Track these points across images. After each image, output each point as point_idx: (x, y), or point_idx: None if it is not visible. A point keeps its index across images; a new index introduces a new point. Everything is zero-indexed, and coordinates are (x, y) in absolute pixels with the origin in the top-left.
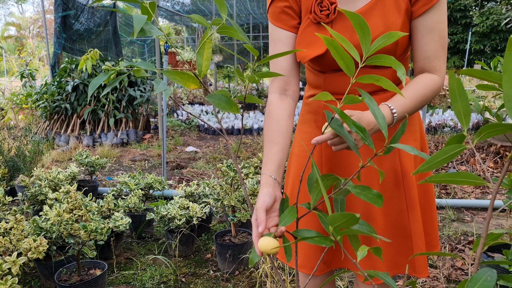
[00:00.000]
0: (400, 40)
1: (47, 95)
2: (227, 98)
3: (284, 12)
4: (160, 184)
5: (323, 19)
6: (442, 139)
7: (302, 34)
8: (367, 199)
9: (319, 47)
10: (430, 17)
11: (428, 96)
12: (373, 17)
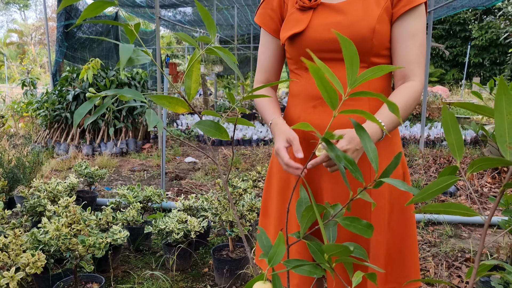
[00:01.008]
0: (377, 30)
1: (48, 104)
2: (216, 125)
3: (268, 16)
4: (158, 197)
5: (306, 3)
6: (440, 153)
7: (287, 21)
8: (357, 231)
9: (299, 27)
10: (412, 23)
11: (411, 104)
12: (354, 6)
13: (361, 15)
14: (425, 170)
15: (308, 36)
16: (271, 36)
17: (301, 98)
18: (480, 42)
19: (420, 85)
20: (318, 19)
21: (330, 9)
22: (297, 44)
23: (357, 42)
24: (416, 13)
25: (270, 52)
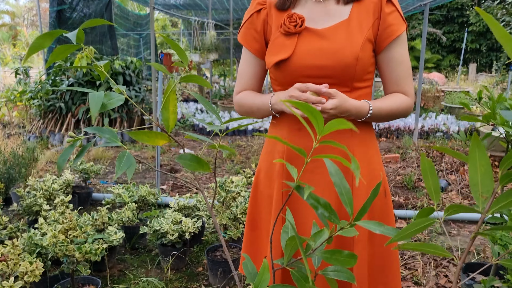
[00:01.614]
0: (361, 58)
1: (42, 93)
2: (197, 158)
3: (250, 35)
4: (153, 196)
5: (291, 29)
6: (433, 145)
7: (272, 45)
8: (339, 263)
9: (285, 53)
10: (397, 50)
11: (400, 111)
12: (339, 33)
13: (345, 43)
14: (417, 164)
15: (294, 62)
16: (253, 56)
17: (287, 120)
18: (478, 28)
19: (412, 102)
20: (303, 45)
21: (315, 35)
22: (283, 69)
23: (341, 69)
24: (399, 41)
25: (252, 70)
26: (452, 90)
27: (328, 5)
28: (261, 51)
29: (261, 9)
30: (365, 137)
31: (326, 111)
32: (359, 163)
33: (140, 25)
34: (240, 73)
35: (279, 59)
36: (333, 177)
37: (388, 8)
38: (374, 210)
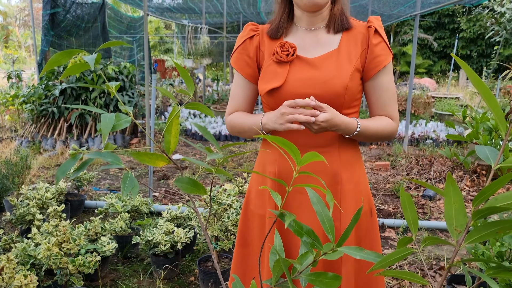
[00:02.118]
0: (349, 87)
1: (34, 98)
2: (194, 182)
3: (243, 60)
4: (146, 205)
5: (283, 58)
6: (423, 153)
7: (264, 72)
8: (324, 285)
9: (277, 82)
10: (383, 79)
11: (385, 133)
12: (329, 63)
13: (334, 73)
14: (407, 172)
15: (286, 90)
16: (246, 80)
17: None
18: (468, 34)
19: (396, 126)
20: (294, 74)
21: (306, 64)
22: (275, 96)
23: (331, 98)
24: (386, 70)
25: (244, 94)
26: (442, 96)
27: (318, 34)
28: (253, 75)
29: (254, 35)
30: (351, 159)
31: (318, 124)
32: (346, 186)
33: (133, 28)
34: (232, 95)
35: (271, 87)
36: (315, 206)
37: (375, 39)
38: (360, 229)
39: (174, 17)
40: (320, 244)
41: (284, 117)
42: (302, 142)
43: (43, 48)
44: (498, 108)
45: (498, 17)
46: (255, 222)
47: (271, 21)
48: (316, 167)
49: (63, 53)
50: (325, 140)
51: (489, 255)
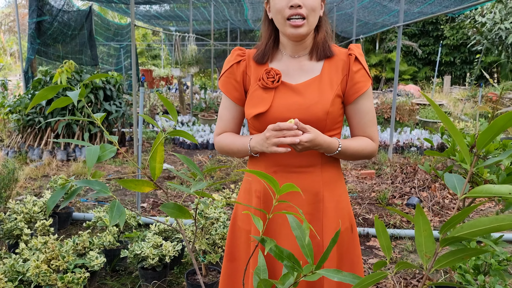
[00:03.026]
0: (331, 112)
1: (21, 107)
2: (179, 207)
3: (230, 84)
4: (134, 218)
5: (269, 85)
6: (407, 161)
7: (251, 97)
8: None
9: (263, 107)
10: (363, 103)
11: (365, 153)
12: (311, 89)
13: (317, 99)
14: (392, 180)
15: (271, 115)
16: (233, 103)
17: (263, 162)
18: (452, 41)
19: (376, 146)
20: (279, 99)
21: (290, 90)
22: (261, 120)
23: (313, 122)
24: (365, 95)
25: (231, 115)
26: (427, 103)
27: (302, 61)
28: (240, 98)
29: (241, 60)
30: (333, 178)
31: (302, 144)
32: (327, 204)
33: (120, 35)
34: (220, 116)
35: (258, 112)
36: (295, 231)
37: (355, 66)
38: (342, 245)
39: (161, 24)
40: (300, 267)
41: (270, 140)
42: (287, 162)
43: (29, 57)
44: (463, 142)
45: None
46: (243, 237)
47: (258, 46)
48: (300, 186)
49: (49, 89)
50: (309, 160)
51: (466, 268)
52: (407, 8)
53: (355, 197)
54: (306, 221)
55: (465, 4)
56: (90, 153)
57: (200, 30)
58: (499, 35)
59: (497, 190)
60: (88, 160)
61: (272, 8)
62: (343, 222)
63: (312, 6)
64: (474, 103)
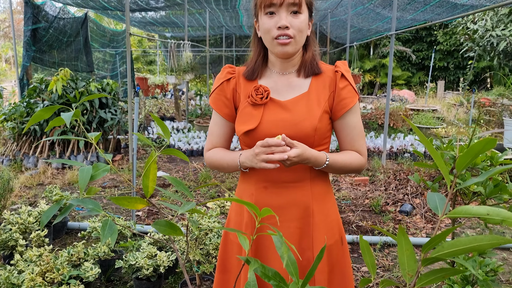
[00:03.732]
0: (318, 128)
1: (16, 115)
2: (170, 224)
3: (221, 100)
4: (129, 229)
5: (257, 101)
6: (401, 167)
7: (241, 114)
8: None
9: (252, 124)
10: (351, 118)
11: (353, 166)
12: (299, 106)
13: (305, 115)
14: (385, 187)
15: (260, 131)
16: (223, 119)
17: (254, 177)
18: (445, 47)
19: (364, 160)
20: (268, 116)
21: (279, 106)
22: (251, 136)
23: (302, 138)
24: (352, 110)
25: (221, 131)
26: (420, 108)
27: (290, 78)
28: (231, 115)
29: (231, 78)
30: (322, 192)
31: (290, 159)
32: (317, 218)
33: (116, 41)
34: (210, 132)
35: (247, 129)
36: (279, 250)
37: (342, 83)
38: (332, 257)
39: (157, 30)
40: (286, 286)
41: (259, 156)
42: (277, 177)
43: (25, 64)
44: (443, 165)
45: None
46: (234, 250)
47: (247, 63)
48: (290, 201)
49: (46, 109)
50: (298, 175)
51: (454, 279)
52: (400, 15)
53: (348, 204)
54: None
55: (457, 13)
56: (82, 173)
57: (195, 36)
58: (490, 42)
59: (476, 211)
60: (80, 180)
61: (261, 28)
62: (333, 235)
63: (299, 27)
64: (467, 109)
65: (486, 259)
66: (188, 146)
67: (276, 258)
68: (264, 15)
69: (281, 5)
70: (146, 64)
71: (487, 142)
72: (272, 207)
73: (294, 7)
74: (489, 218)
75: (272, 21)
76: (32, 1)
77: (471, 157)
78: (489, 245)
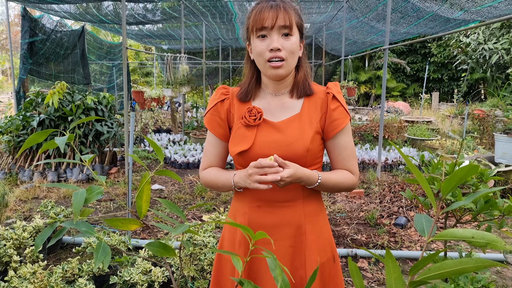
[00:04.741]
0: (310, 149)
1: (12, 128)
2: (163, 245)
3: (215, 121)
4: (124, 243)
5: (251, 123)
6: (396, 180)
7: (234, 135)
8: None
9: (246, 144)
10: (342, 138)
11: (345, 185)
12: (292, 127)
13: (297, 136)
14: (380, 199)
15: (253, 152)
16: (218, 139)
17: (248, 197)
18: (439, 59)
19: (356, 179)
20: (261, 137)
21: (271, 127)
22: (244, 157)
23: (294, 159)
24: (344, 131)
25: (216, 151)
26: (415, 120)
27: (283, 99)
28: (225, 135)
29: (225, 99)
30: (315, 211)
31: (284, 179)
32: (310, 237)
33: (113, 53)
34: (205, 152)
35: (241, 150)
36: (272, 272)
37: (333, 104)
38: (324, 275)
39: (154, 42)
40: None
41: (252, 177)
42: (270, 197)
43: (21, 76)
44: (429, 189)
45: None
46: (228, 268)
47: (241, 84)
48: (283, 220)
49: (40, 133)
50: (291, 194)
51: None
52: (394, 29)
53: (344, 217)
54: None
55: (449, 27)
56: (76, 197)
57: (192, 48)
58: (483, 55)
59: (461, 234)
60: (74, 205)
61: (253, 50)
62: (325, 253)
63: (290, 49)
64: (462, 120)
65: (477, 275)
66: (184, 158)
67: (269, 277)
68: (256, 38)
69: (273, 28)
70: (143, 76)
71: (470, 169)
72: (265, 226)
73: (285, 29)
74: (474, 241)
75: (264, 44)
76: (29, 15)
77: (455, 182)
78: (474, 268)
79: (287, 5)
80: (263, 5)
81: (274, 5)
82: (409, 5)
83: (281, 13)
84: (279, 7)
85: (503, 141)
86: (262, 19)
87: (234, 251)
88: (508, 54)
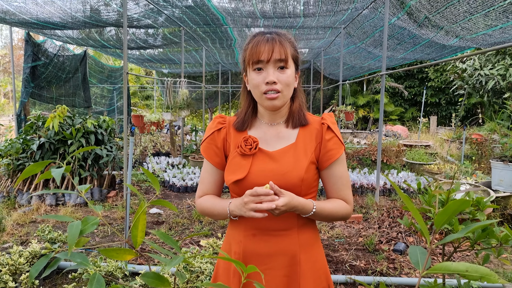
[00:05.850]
0: (305, 178)
1: (11, 152)
2: (158, 276)
3: (211, 149)
4: (121, 270)
5: (246, 152)
6: (394, 204)
7: (230, 163)
8: None
9: (241, 173)
10: (337, 168)
11: (340, 214)
12: (287, 156)
13: (291, 166)
14: (379, 224)
15: (249, 181)
16: (214, 167)
17: (243, 225)
18: (436, 83)
19: (350, 208)
20: (257, 166)
21: (267, 157)
22: (240, 186)
23: (289, 188)
24: (338, 161)
25: (212, 179)
26: (413, 144)
27: (278, 129)
28: (221, 163)
29: (221, 128)
30: (309, 240)
31: (279, 208)
32: (304, 266)
33: (114, 77)
34: (202, 180)
35: (236, 179)
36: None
37: (328, 135)
38: None
39: (154, 66)
40: None
41: (248, 205)
42: (265, 226)
43: (23, 100)
44: (422, 222)
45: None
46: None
47: (238, 113)
48: (277, 249)
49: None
50: (286, 223)
51: None
52: (391, 54)
53: (342, 242)
54: None
55: (445, 53)
56: (71, 230)
57: (192, 72)
58: (479, 80)
59: (455, 267)
60: (69, 237)
61: (250, 82)
62: (320, 282)
63: (286, 82)
64: (460, 144)
65: None
66: (182, 182)
67: None
68: (253, 71)
69: (268, 62)
70: (143, 99)
71: (462, 203)
72: (259, 255)
73: (280, 63)
74: (469, 275)
75: (260, 76)
76: (32, 39)
77: (448, 215)
78: None
79: (282, 38)
80: (259, 39)
81: (270, 38)
82: (405, 32)
83: (276, 47)
84: (275, 40)
85: (499, 168)
86: (258, 53)
87: (229, 279)
88: (504, 80)
